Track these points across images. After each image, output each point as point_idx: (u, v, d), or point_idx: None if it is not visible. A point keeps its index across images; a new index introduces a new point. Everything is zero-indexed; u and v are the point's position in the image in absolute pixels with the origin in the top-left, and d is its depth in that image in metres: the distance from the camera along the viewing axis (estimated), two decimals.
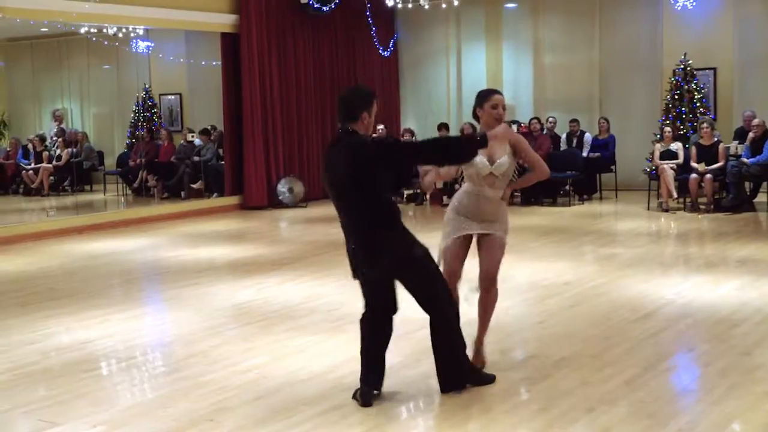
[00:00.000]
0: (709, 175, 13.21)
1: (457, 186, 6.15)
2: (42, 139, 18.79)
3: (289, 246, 11.98)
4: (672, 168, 13.64)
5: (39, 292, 9.11)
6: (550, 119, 16.07)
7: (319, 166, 12.97)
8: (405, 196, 16.10)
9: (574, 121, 15.83)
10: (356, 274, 5.33)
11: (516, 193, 15.06)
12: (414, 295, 5.34)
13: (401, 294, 5.37)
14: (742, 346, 6.31)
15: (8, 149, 19.58)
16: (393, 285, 5.34)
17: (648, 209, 13.90)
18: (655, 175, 14.02)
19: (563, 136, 15.88)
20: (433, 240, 5.58)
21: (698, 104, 14.73)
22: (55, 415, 5.26)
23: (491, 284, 5.79)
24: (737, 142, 13.93)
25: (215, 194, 16.24)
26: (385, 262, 5.15)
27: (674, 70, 14.90)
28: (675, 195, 13.71)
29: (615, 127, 15.80)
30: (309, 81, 16.74)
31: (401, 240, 5.20)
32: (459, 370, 5.40)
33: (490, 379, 5.56)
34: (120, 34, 17.50)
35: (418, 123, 18.34)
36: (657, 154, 14.00)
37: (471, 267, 5.78)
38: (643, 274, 8.97)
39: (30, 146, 18.74)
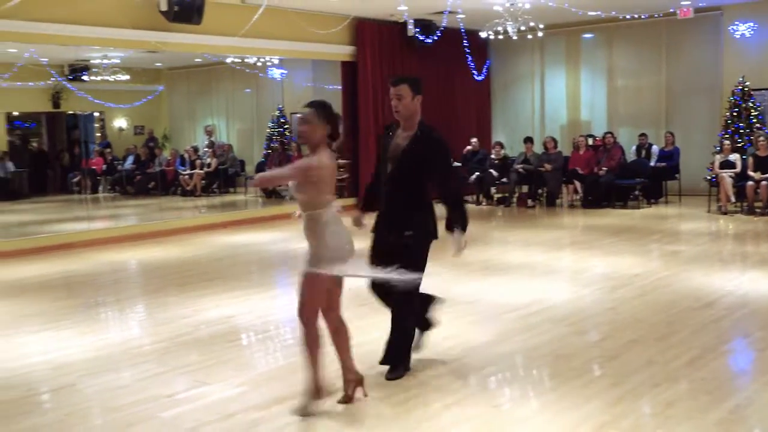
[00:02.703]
0: (764, 182, 12.73)
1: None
2: (195, 149, 19.35)
3: None
4: (730, 176, 13.21)
5: (192, 275, 9.36)
6: (609, 134, 15.60)
7: None
8: (495, 198, 15.97)
9: (643, 135, 15.51)
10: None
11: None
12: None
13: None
14: None
15: (169, 158, 20.22)
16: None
17: (708, 212, 13.46)
18: (714, 182, 13.62)
19: (633, 148, 15.56)
20: (515, 236, 5.47)
21: (755, 120, 14.25)
22: (205, 376, 5.40)
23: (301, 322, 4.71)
24: None
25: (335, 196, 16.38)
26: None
27: (733, 90, 14.46)
28: (733, 200, 13.29)
29: (679, 140, 15.37)
30: None
31: None
32: (398, 355, 5.24)
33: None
34: (258, 63, 17.86)
35: (506, 137, 18.16)
36: (717, 164, 13.59)
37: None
38: (704, 269, 8.69)
39: (186, 155, 19.30)
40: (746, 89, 14.29)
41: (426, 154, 5.06)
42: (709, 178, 13.89)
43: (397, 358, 5.25)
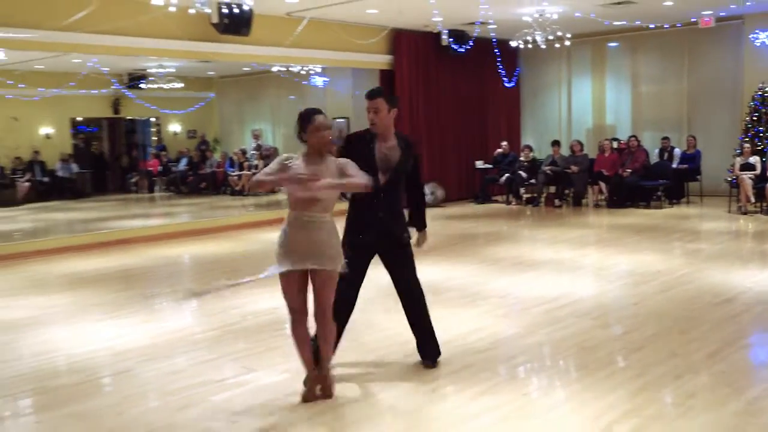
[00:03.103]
0: None
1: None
2: (243, 152, 19.50)
3: (430, 237, 11.86)
4: (750, 178, 12.97)
5: (241, 268, 9.42)
6: (633, 137, 15.40)
7: (443, 171, 12.53)
8: (524, 198, 15.87)
9: (666, 138, 15.34)
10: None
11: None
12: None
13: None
14: None
15: (219, 160, 20.41)
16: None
17: (729, 212, 13.23)
18: (735, 183, 13.38)
19: (656, 151, 15.39)
20: (544, 235, 5.44)
21: None
22: (252, 362, 5.44)
23: (327, 319, 4.71)
24: None
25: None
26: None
27: (753, 96, 14.17)
28: (753, 200, 13.06)
29: (701, 143, 15.13)
30: (448, 106, 16.72)
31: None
32: (435, 342, 5.27)
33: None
34: (302, 72, 17.96)
35: (535, 140, 18.03)
36: (737, 165, 13.35)
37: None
38: (725, 266, 8.54)
39: (235, 158, 19.46)
40: (766, 95, 14.00)
41: (412, 162, 5.13)
42: (729, 179, 13.66)
43: (435, 348, 5.26)
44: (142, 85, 20.01)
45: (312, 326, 4.81)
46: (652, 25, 15.35)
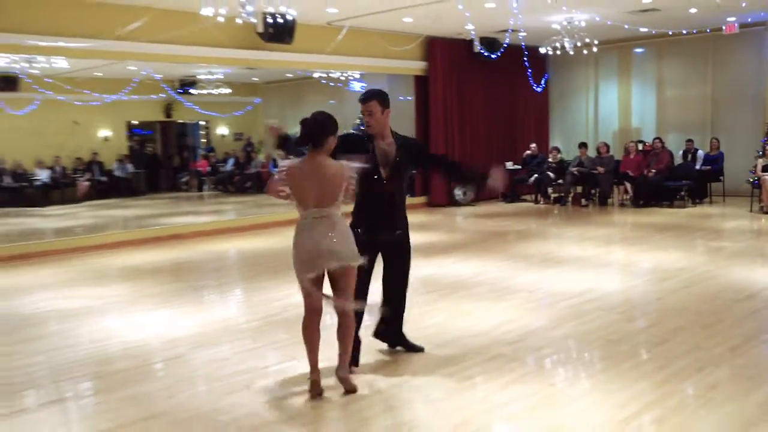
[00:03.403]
0: None
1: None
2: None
3: (462, 234, 11.96)
4: None
5: (284, 263, 9.41)
6: (657, 139, 15.17)
7: None
8: (552, 198, 15.73)
9: (690, 140, 15.08)
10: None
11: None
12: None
13: None
14: None
15: (263, 161, 20.56)
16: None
17: (751, 212, 12.96)
18: (757, 184, 13.10)
19: (680, 153, 15.14)
20: (571, 233, 5.38)
21: None
22: (293, 351, 5.44)
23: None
24: None
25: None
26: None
27: None
28: None
29: (724, 145, 14.83)
30: (480, 109, 16.63)
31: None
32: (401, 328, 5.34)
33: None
34: (342, 78, 18.03)
35: (563, 142, 17.87)
36: (759, 167, 13.06)
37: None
38: (746, 263, 8.37)
39: (278, 159, 19.56)
40: None
41: (414, 153, 5.11)
42: (751, 180, 13.40)
43: (401, 333, 5.34)
44: (192, 91, 20.24)
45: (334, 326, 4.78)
46: (677, 31, 15.10)
